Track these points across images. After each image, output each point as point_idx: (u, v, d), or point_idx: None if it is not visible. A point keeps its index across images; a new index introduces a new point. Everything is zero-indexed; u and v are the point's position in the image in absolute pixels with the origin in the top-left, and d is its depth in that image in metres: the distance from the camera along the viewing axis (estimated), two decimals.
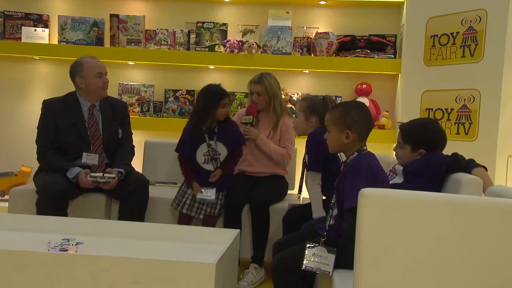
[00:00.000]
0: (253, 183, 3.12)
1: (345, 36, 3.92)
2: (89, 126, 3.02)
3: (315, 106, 2.65)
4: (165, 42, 3.97)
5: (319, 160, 2.54)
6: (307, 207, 2.63)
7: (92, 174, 2.88)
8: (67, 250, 1.91)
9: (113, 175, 2.88)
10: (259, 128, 3.17)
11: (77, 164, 2.94)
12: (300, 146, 3.28)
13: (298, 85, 4.06)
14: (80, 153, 2.97)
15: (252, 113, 3.14)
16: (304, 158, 2.75)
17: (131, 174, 3.03)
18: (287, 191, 3.27)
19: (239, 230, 2.40)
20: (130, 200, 2.90)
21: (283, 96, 3.46)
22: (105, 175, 2.87)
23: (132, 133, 3.26)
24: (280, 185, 3.19)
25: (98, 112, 3.07)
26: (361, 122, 1.99)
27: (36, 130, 3.04)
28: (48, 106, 3.03)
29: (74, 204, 2.93)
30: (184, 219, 2.95)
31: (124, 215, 2.89)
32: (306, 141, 2.66)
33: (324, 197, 2.59)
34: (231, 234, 2.27)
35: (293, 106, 3.84)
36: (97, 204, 2.99)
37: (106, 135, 3.05)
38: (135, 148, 3.24)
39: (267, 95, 3.13)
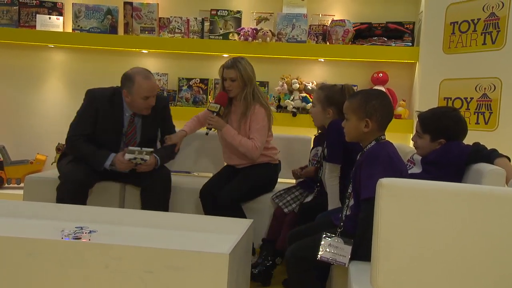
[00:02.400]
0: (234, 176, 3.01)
1: (361, 23, 3.84)
2: (126, 133, 2.97)
3: (333, 96, 2.53)
4: (179, 30, 3.93)
5: (338, 151, 2.45)
6: (322, 197, 2.58)
7: (130, 148, 2.81)
8: (80, 238, 1.91)
9: (151, 149, 2.82)
10: (231, 119, 3.02)
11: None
12: None
13: (313, 74, 4.00)
14: (111, 151, 2.90)
15: (220, 102, 2.95)
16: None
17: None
18: (273, 181, 3.10)
19: (252, 220, 2.37)
20: (154, 189, 2.86)
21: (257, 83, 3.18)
22: (143, 148, 2.81)
23: (174, 127, 3.18)
24: (258, 178, 3.00)
25: (139, 120, 2.99)
26: (381, 111, 1.93)
27: (74, 115, 2.96)
28: (94, 98, 2.93)
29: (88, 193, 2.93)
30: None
31: (147, 204, 2.85)
32: (325, 130, 2.59)
33: None
34: (245, 224, 2.24)
35: (307, 96, 3.80)
36: (111, 192, 2.99)
37: (142, 139, 3.00)
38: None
39: (242, 80, 2.95)
